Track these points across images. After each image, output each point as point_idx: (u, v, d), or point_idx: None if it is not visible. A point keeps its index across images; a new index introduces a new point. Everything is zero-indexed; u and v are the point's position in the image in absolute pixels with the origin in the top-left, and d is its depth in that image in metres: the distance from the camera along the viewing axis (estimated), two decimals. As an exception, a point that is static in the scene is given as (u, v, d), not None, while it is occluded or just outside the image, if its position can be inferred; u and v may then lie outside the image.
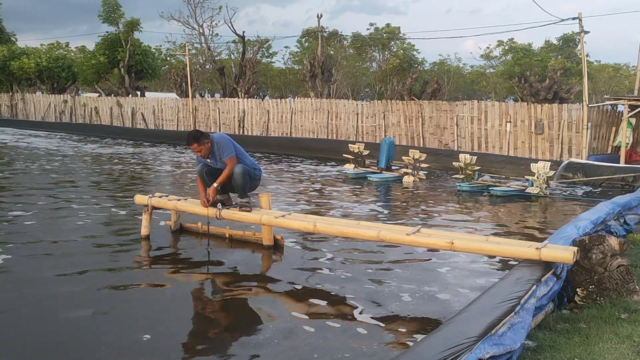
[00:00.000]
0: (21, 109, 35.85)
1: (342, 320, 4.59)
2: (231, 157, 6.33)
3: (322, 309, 4.86)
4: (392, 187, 12.85)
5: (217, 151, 6.35)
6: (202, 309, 4.97)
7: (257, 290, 5.37)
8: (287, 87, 40.91)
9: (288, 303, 5.01)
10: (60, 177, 12.78)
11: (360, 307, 4.87)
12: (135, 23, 30.96)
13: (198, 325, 4.60)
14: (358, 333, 4.33)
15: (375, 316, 4.68)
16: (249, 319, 4.73)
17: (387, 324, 4.52)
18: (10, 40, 40.26)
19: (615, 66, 38.23)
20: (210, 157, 6.42)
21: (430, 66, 39.63)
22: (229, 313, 4.87)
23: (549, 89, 18.82)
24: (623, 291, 4.72)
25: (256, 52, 31.86)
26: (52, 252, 6.38)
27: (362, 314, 4.72)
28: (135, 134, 26.90)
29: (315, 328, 4.40)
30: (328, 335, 4.27)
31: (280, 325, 4.47)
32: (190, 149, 6.39)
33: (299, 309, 4.81)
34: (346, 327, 4.45)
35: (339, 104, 21.94)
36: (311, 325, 4.45)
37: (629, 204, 7.82)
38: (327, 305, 4.94)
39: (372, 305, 4.94)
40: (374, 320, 4.59)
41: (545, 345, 3.80)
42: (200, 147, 6.28)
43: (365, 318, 4.64)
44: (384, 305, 4.93)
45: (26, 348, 4.02)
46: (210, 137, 6.38)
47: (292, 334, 4.27)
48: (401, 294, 5.22)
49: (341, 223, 6.23)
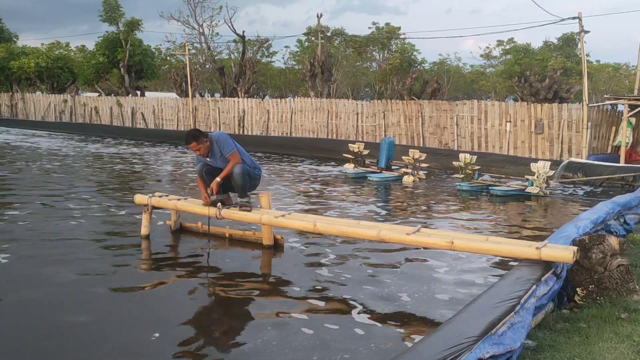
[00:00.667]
0: (21, 108, 35.84)
1: (342, 320, 4.59)
2: (233, 152, 6.33)
3: (322, 309, 4.86)
4: (392, 187, 12.85)
5: (217, 149, 6.35)
6: (201, 309, 4.97)
7: (257, 291, 5.37)
8: (287, 87, 40.89)
9: (288, 303, 5.01)
10: (60, 177, 12.77)
11: (359, 307, 4.87)
12: (135, 23, 30.96)
13: (196, 325, 4.60)
14: (357, 333, 4.33)
15: (374, 316, 4.68)
16: (248, 319, 4.73)
17: (386, 324, 4.52)
18: (12, 40, 40.25)
19: (615, 66, 38.21)
20: (210, 157, 6.42)
21: (430, 66, 39.65)
22: (228, 313, 4.87)
23: (549, 88, 18.81)
24: (623, 291, 4.71)
25: (256, 52, 31.84)
26: (52, 253, 6.37)
27: (361, 314, 4.72)
28: (135, 134, 26.90)
29: (314, 328, 4.40)
30: (327, 336, 4.27)
31: (280, 325, 4.47)
32: (189, 148, 6.39)
33: (298, 309, 4.81)
34: (345, 327, 4.44)
35: (339, 103, 21.94)
36: (311, 326, 4.45)
37: (629, 203, 7.82)
38: (327, 306, 4.93)
39: (371, 305, 4.94)
40: (374, 321, 4.59)
41: (545, 345, 3.80)
42: (199, 146, 6.28)
43: (364, 318, 4.63)
44: (383, 305, 4.93)
45: (26, 348, 4.02)
46: (209, 136, 6.39)
47: (291, 335, 4.27)
48: (401, 294, 5.22)
49: (341, 223, 6.23)
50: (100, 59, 31.44)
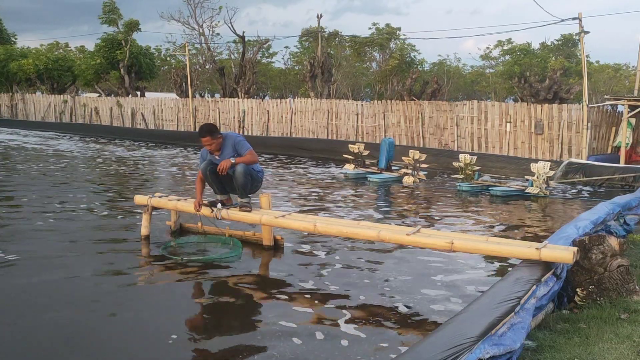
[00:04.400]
0: (21, 109, 35.83)
1: (341, 321, 4.58)
2: (250, 149, 6.41)
3: (322, 309, 4.86)
4: (392, 188, 12.85)
5: (230, 148, 6.37)
6: (200, 309, 4.96)
7: (257, 291, 5.36)
8: (287, 87, 40.90)
9: (287, 304, 5.01)
10: (62, 177, 12.77)
11: (359, 308, 4.87)
12: (134, 24, 30.98)
13: (195, 325, 4.59)
14: (357, 334, 4.33)
15: (374, 317, 4.68)
16: (248, 320, 4.73)
17: (386, 325, 4.52)
18: (11, 40, 40.24)
19: (615, 66, 38.22)
20: (219, 155, 6.43)
21: (430, 66, 39.66)
22: (228, 314, 4.86)
23: (549, 89, 18.82)
24: (623, 291, 4.71)
25: (256, 53, 31.85)
26: (52, 252, 6.37)
27: (360, 315, 4.72)
28: (135, 134, 26.91)
29: (314, 329, 4.39)
30: (327, 337, 4.26)
31: (279, 326, 4.46)
32: (202, 141, 6.38)
33: (298, 310, 4.80)
34: (345, 327, 4.44)
35: (339, 104, 21.94)
36: (310, 326, 4.45)
37: (629, 204, 7.82)
38: (326, 306, 4.93)
39: (371, 305, 4.94)
40: (373, 321, 4.58)
41: (545, 345, 3.80)
42: (212, 141, 6.30)
43: (364, 319, 4.63)
44: (383, 306, 4.93)
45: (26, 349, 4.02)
46: (222, 134, 6.44)
47: (291, 335, 4.27)
48: (401, 294, 5.22)
49: (341, 223, 6.23)
50: (98, 60, 31.46)
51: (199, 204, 6.52)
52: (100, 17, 30.94)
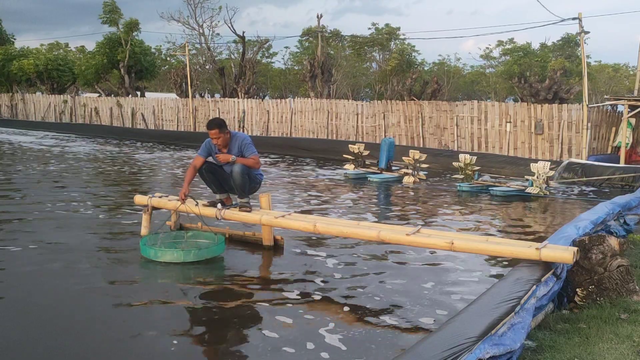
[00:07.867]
0: (21, 109, 35.85)
1: (341, 321, 4.58)
2: (255, 154, 6.41)
3: (321, 309, 4.86)
4: (392, 188, 12.85)
5: (237, 147, 6.37)
6: (199, 310, 4.96)
7: (257, 292, 5.36)
8: (287, 88, 40.90)
9: (288, 304, 5.00)
10: (61, 177, 12.78)
11: (358, 308, 4.87)
12: (134, 23, 30.99)
13: (194, 325, 4.59)
14: (356, 334, 4.33)
15: (374, 317, 4.68)
16: (248, 321, 4.72)
17: (386, 325, 4.52)
18: (10, 41, 40.23)
19: (615, 66, 38.25)
20: (226, 150, 6.42)
21: (430, 66, 39.65)
22: (227, 315, 4.85)
23: (549, 89, 18.82)
24: (623, 291, 4.72)
25: (256, 53, 31.86)
26: (51, 252, 6.37)
27: (360, 315, 4.72)
28: (135, 135, 26.90)
29: (313, 329, 4.39)
30: (326, 337, 4.26)
31: (279, 326, 4.46)
32: (210, 134, 6.37)
33: (298, 310, 4.80)
34: (344, 328, 4.44)
35: (339, 104, 21.94)
36: (309, 326, 4.45)
37: (629, 204, 7.82)
38: (326, 306, 4.93)
39: (370, 306, 4.94)
40: (373, 321, 4.58)
41: (545, 345, 3.80)
42: (219, 135, 6.32)
43: (363, 319, 4.63)
44: (383, 306, 4.93)
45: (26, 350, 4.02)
46: (231, 132, 6.47)
47: (290, 336, 4.27)
48: (400, 295, 5.22)
49: (341, 223, 6.23)
50: (99, 58, 31.46)
51: (184, 194, 6.49)
52: (100, 17, 30.98)
